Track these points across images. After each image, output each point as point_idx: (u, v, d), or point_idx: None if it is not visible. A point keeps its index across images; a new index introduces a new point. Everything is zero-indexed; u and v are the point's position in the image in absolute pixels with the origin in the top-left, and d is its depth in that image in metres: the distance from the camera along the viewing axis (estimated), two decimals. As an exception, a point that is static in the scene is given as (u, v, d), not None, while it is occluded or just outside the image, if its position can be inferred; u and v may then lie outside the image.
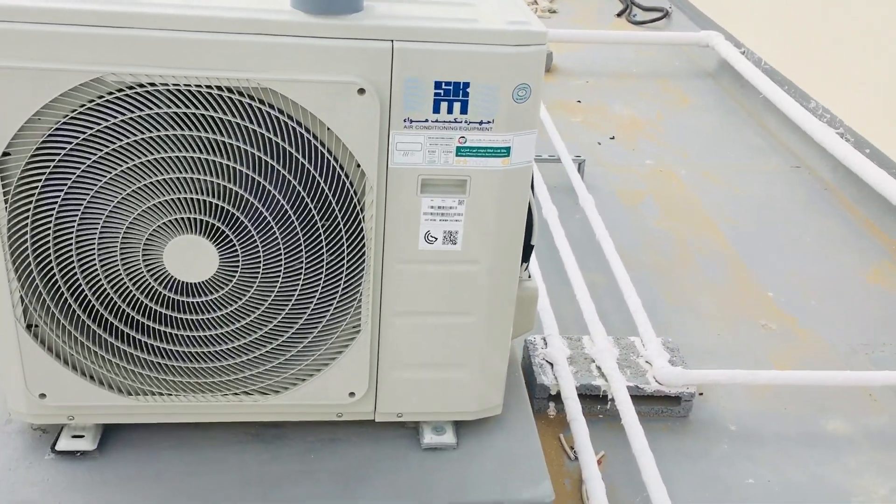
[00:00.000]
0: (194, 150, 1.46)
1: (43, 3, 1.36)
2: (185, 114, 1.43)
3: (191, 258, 1.53)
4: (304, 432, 1.81)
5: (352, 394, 1.73)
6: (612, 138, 4.11)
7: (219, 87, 1.42)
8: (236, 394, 1.69)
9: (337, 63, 1.44)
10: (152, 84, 1.40)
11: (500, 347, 1.77)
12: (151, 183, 1.47)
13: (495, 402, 1.84)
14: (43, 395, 1.64)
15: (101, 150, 1.43)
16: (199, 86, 1.41)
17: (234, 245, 1.53)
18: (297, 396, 1.71)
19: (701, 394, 2.39)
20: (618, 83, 4.86)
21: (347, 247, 1.57)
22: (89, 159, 1.44)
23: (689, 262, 3.11)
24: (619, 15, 6.41)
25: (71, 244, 1.50)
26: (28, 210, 1.47)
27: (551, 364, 2.31)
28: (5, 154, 1.43)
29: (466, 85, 1.49)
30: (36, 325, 1.59)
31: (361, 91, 1.45)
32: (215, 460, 1.74)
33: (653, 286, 2.91)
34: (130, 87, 1.40)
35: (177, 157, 1.46)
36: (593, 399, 2.27)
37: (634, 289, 2.65)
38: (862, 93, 3.77)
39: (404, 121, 1.50)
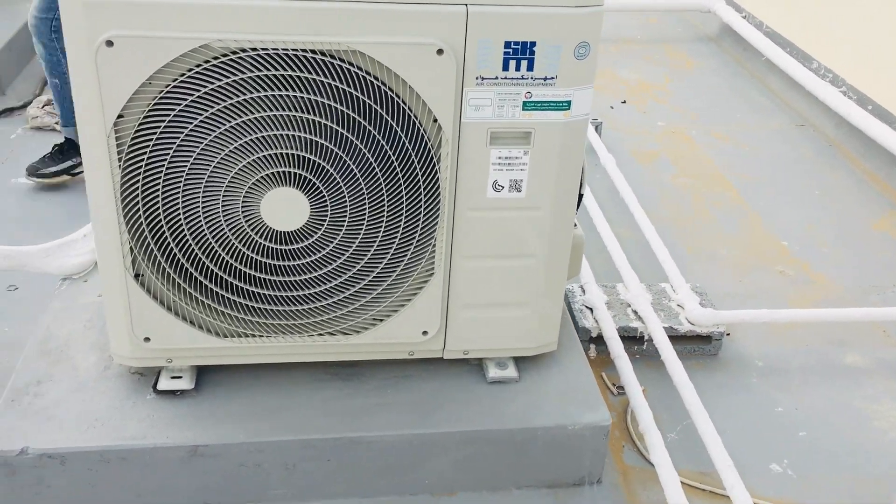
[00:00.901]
0: (288, 109, 1.61)
1: (155, -23, 1.50)
2: (281, 75, 1.58)
3: (284, 209, 1.68)
4: (377, 370, 1.98)
5: (425, 332, 1.89)
6: (624, 102, 4.26)
7: (312, 51, 1.57)
8: (321, 334, 1.85)
9: (417, 26, 1.58)
10: (254, 49, 1.55)
11: (557, 288, 1.94)
12: (250, 140, 1.62)
13: (551, 339, 2.01)
14: (147, 339, 1.80)
15: (206, 112, 1.58)
16: (296, 49, 1.55)
17: (323, 195, 1.69)
18: (375, 336, 1.87)
19: (728, 334, 2.57)
20: (624, 49, 5.00)
21: (425, 196, 1.73)
22: (195, 120, 1.58)
23: (706, 216, 3.28)
24: (618, -17, 6.53)
25: (178, 199, 1.65)
26: (139, 168, 1.62)
27: (590, 309, 2.48)
28: (119, 116, 1.57)
29: (533, 44, 1.64)
30: (141, 275, 1.74)
31: (440, 52, 1.60)
32: (301, 396, 1.90)
33: (674, 238, 3.08)
34: (234, 52, 1.55)
35: (273, 115, 1.61)
36: (630, 340, 2.44)
37: (661, 240, 2.82)
38: (862, 51, 3.93)
39: (476, 78, 1.65)
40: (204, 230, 1.68)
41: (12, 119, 3.81)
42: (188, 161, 1.62)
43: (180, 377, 1.88)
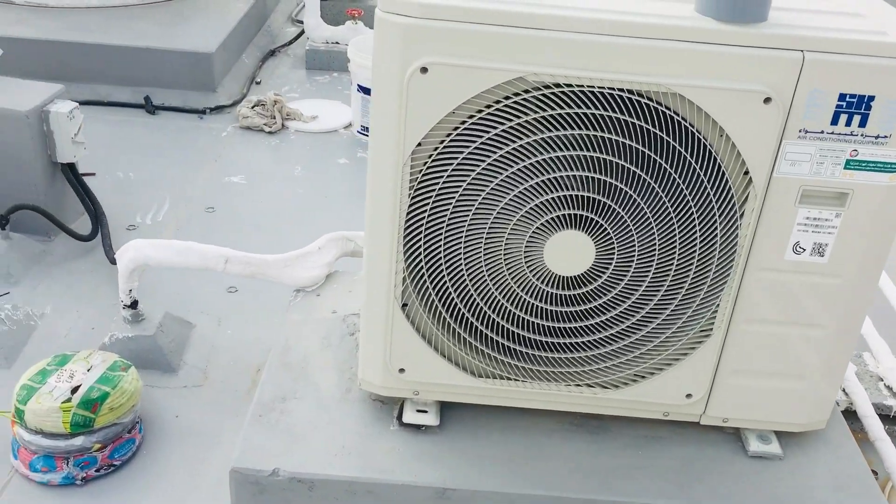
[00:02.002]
0: (584, 148, 1.51)
1: (477, 4, 1.43)
2: (584, 114, 1.48)
3: (569, 253, 1.58)
4: (625, 427, 1.85)
5: (689, 395, 1.75)
6: None
7: (629, 90, 1.46)
8: (578, 385, 1.74)
9: (745, 71, 1.45)
10: (568, 85, 1.46)
11: (840, 364, 1.75)
12: (543, 181, 1.53)
13: (822, 417, 1.82)
14: (402, 370, 1.74)
15: (507, 146, 1.50)
16: (612, 88, 1.45)
17: (611, 240, 1.58)
18: (634, 393, 1.75)
19: None
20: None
21: (720, 250, 1.59)
22: (493, 154, 1.51)
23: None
24: None
25: (461, 236, 1.58)
26: (428, 200, 1.56)
27: (837, 379, 2.26)
28: (419, 144, 1.52)
29: (871, 98, 1.47)
30: (407, 305, 1.69)
31: (767, 100, 1.46)
32: (548, 447, 1.80)
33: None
34: (546, 87, 1.46)
35: (568, 155, 1.51)
36: (882, 419, 2.21)
37: (909, 307, 2.56)
38: None
39: (799, 131, 1.50)
40: (483, 271, 1.61)
41: (222, 116, 3.93)
42: (477, 198, 1.54)
43: (426, 411, 1.81)
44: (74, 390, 1.92)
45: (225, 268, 2.21)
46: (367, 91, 3.72)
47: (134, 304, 2.28)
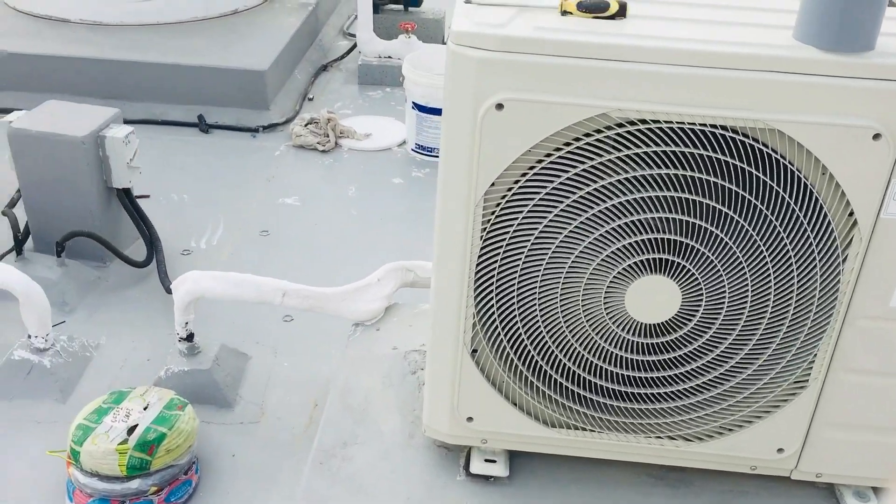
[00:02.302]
0: (671, 189, 1.39)
1: (556, 36, 1.33)
2: (672, 152, 1.37)
3: (653, 299, 1.47)
4: (709, 480, 1.72)
5: (780, 450, 1.62)
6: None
7: (722, 126, 1.34)
8: (659, 437, 1.63)
9: (852, 104, 1.32)
10: (655, 121, 1.34)
11: (948, 415, 1.61)
12: (624, 223, 1.42)
13: (926, 472, 1.68)
14: (470, 419, 1.65)
15: (587, 187, 1.39)
16: (703, 124, 1.34)
17: (699, 285, 1.46)
18: (720, 446, 1.62)
19: None
20: None
21: (819, 296, 1.46)
22: (572, 195, 1.40)
23: None
24: None
25: (535, 282, 1.48)
26: (501, 243, 1.46)
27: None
28: (492, 184, 1.42)
29: None
30: (477, 351, 1.59)
31: (877, 136, 1.33)
32: (624, 501, 1.68)
33: None
34: (631, 123, 1.35)
35: (653, 196, 1.40)
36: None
37: None
38: None
39: (911, 169, 1.37)
40: (559, 318, 1.50)
41: (275, 134, 3.88)
42: (554, 241, 1.44)
43: (494, 461, 1.71)
44: (131, 430, 1.87)
45: (282, 301, 2.13)
46: (422, 108, 3.63)
47: (190, 337, 2.23)
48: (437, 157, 3.61)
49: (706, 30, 1.39)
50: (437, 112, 3.65)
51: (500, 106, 1.35)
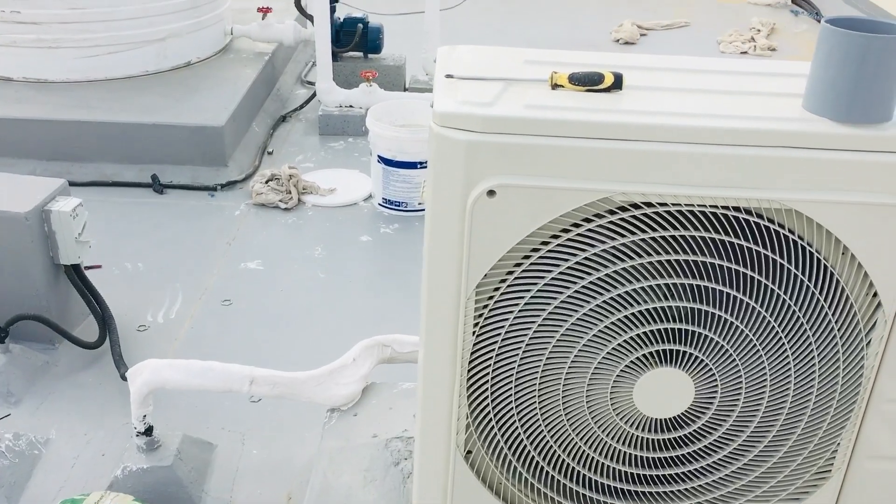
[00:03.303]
0: (679, 276, 1.28)
1: (550, 115, 1.21)
2: (681, 236, 1.25)
3: (662, 392, 1.34)
4: (724, 576, 1.59)
5: (801, 543, 1.49)
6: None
7: (734, 208, 1.23)
8: (672, 536, 1.49)
9: (871, 180, 1.22)
10: (662, 204, 1.23)
11: (977, 497, 1.50)
12: (630, 314, 1.29)
13: (954, 558, 1.56)
14: (464, 526, 1.50)
15: (587, 278, 1.26)
16: (714, 206, 1.22)
17: (712, 375, 1.34)
18: (738, 542, 1.50)
19: None
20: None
21: (843, 383, 1.34)
22: (571, 287, 1.27)
23: None
24: (843, 52, 5.96)
25: (535, 379, 1.34)
26: (496, 337, 1.32)
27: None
28: (484, 276, 1.28)
29: None
30: (472, 452, 1.44)
31: (899, 212, 1.23)
32: None
33: None
34: (635, 207, 1.23)
35: (661, 284, 1.28)
36: None
37: None
38: None
39: (936, 245, 1.27)
40: (561, 417, 1.36)
41: (235, 192, 3.72)
42: (554, 335, 1.30)
43: (492, 569, 1.56)
44: (85, 546, 1.68)
45: (250, 389, 1.97)
46: (388, 162, 3.51)
47: (148, 431, 2.04)
48: (405, 210, 3.56)
49: (709, 101, 1.28)
50: (404, 165, 3.53)
51: (491, 192, 1.22)
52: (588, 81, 1.29)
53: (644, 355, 1.32)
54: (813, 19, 6.93)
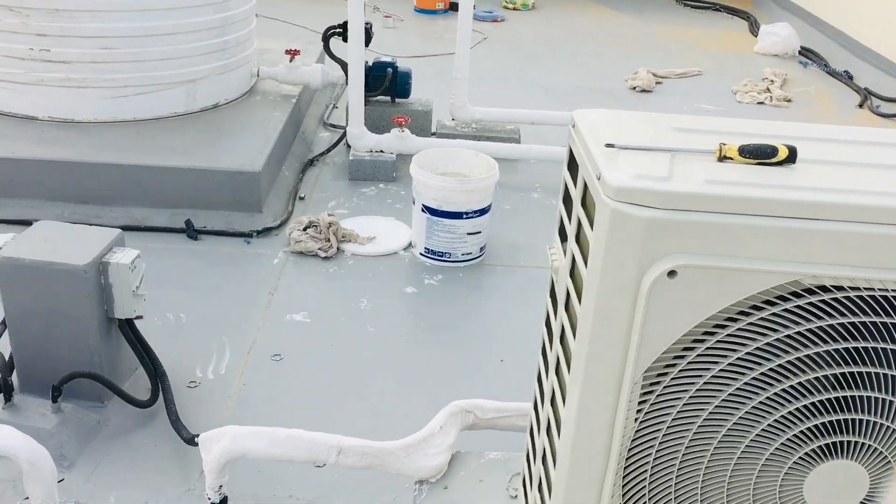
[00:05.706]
0: (864, 363, 1.20)
1: (740, 192, 1.14)
2: (872, 322, 1.17)
3: (835, 486, 1.26)
4: None
5: None
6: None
7: (925, 292, 1.16)
8: None
9: None
10: (854, 288, 1.15)
11: None
12: (808, 404, 1.21)
13: None
14: None
15: (765, 365, 1.18)
16: (906, 290, 1.15)
17: (888, 463, 1.26)
18: None
19: None
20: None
21: None
22: (747, 374, 1.19)
23: None
24: (860, 106, 6.01)
25: (698, 473, 1.25)
26: (660, 426, 1.23)
27: None
28: (655, 360, 1.20)
29: None
30: (617, 546, 1.34)
31: None
32: None
33: None
34: (824, 290, 1.16)
35: (846, 372, 1.20)
36: None
37: None
38: None
39: None
40: (727, 509, 1.28)
41: (271, 239, 3.62)
42: (724, 425, 1.22)
43: None
44: None
45: (338, 459, 1.86)
46: (433, 212, 3.43)
47: (223, 502, 1.92)
48: (448, 261, 3.47)
49: (893, 177, 1.21)
50: (449, 216, 3.45)
51: (672, 273, 1.14)
52: (761, 154, 1.22)
53: (818, 447, 1.23)
54: (822, 70, 7.00)
